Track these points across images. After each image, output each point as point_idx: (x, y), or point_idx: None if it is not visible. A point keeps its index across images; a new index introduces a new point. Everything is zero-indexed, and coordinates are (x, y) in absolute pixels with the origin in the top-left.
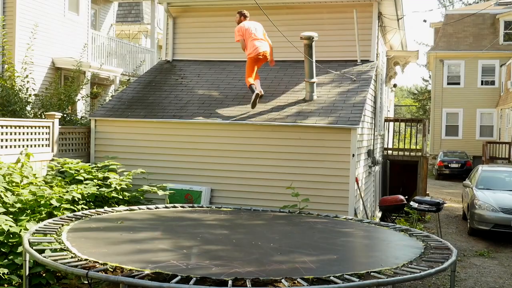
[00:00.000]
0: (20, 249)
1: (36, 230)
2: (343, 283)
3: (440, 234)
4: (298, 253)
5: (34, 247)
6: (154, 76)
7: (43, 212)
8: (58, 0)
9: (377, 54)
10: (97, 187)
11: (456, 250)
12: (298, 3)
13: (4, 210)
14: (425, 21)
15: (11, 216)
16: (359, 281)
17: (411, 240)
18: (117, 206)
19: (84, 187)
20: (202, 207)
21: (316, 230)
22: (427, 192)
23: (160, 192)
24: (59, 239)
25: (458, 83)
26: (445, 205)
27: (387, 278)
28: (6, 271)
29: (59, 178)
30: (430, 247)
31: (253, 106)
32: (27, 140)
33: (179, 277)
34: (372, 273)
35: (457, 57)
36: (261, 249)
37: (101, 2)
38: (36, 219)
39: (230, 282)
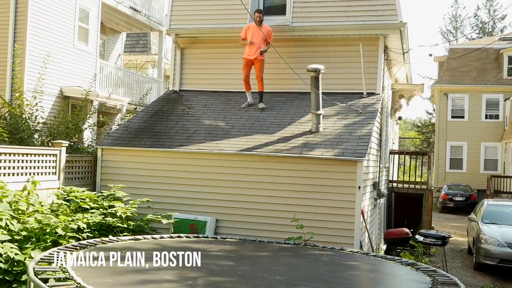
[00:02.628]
0: (24, 277)
1: (41, 258)
2: None
3: (445, 269)
4: (304, 286)
5: (38, 276)
6: (161, 105)
7: (48, 241)
8: (67, 30)
9: (383, 87)
10: (103, 216)
11: (464, 286)
12: (305, 36)
13: (10, 237)
14: (430, 55)
15: (16, 244)
16: None
17: (418, 275)
18: (121, 235)
19: (91, 216)
20: (207, 237)
21: (321, 263)
22: (432, 225)
23: (165, 221)
24: (64, 268)
25: (462, 117)
26: (450, 238)
27: None
28: None
29: (65, 206)
30: (437, 282)
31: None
32: (34, 168)
33: None
34: None
35: (461, 91)
36: (266, 281)
37: (110, 33)
38: (41, 247)
39: None
